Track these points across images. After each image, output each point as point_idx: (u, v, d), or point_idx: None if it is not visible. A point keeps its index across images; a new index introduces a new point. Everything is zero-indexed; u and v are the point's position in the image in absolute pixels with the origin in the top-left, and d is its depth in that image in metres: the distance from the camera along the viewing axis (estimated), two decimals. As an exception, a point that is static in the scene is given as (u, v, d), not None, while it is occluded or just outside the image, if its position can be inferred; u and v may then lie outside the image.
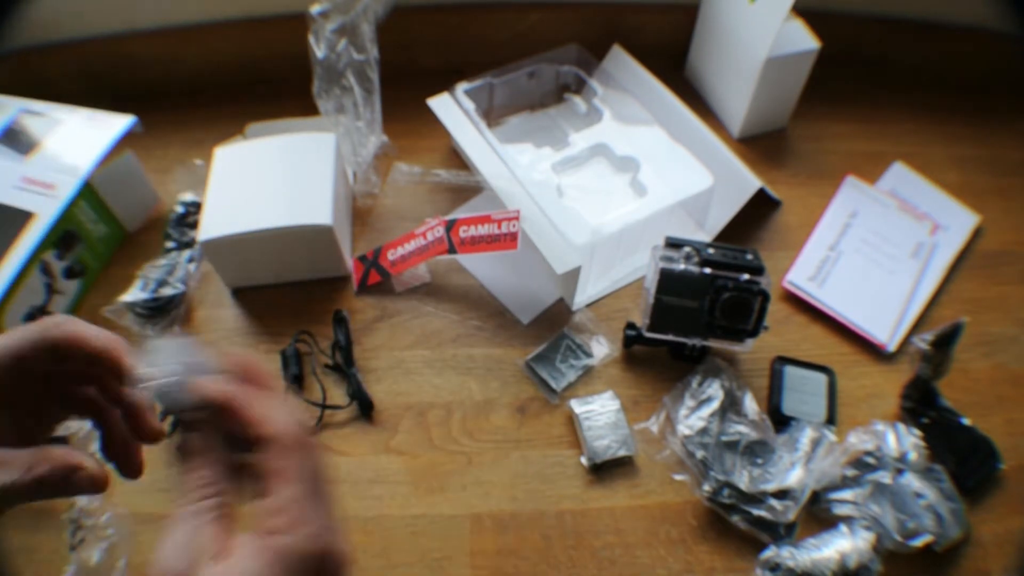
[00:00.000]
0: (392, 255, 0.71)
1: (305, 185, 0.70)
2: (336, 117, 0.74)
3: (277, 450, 0.31)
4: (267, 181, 0.71)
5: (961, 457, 0.62)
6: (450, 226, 0.67)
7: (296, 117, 0.81)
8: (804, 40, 0.79)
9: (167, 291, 0.69)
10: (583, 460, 0.63)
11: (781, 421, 0.65)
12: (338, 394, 0.67)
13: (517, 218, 0.64)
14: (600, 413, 0.65)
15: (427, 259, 0.69)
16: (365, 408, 0.66)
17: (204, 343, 0.34)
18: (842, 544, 0.56)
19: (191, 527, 0.31)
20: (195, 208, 0.76)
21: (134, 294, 0.69)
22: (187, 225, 0.75)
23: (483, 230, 0.66)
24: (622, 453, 0.63)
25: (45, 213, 0.67)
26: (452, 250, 0.67)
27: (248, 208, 0.69)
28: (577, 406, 0.65)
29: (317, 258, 0.72)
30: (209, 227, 0.68)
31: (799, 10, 0.79)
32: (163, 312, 0.70)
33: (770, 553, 0.57)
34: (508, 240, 0.64)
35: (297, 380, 0.67)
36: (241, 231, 0.67)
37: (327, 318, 0.71)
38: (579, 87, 0.87)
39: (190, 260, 0.73)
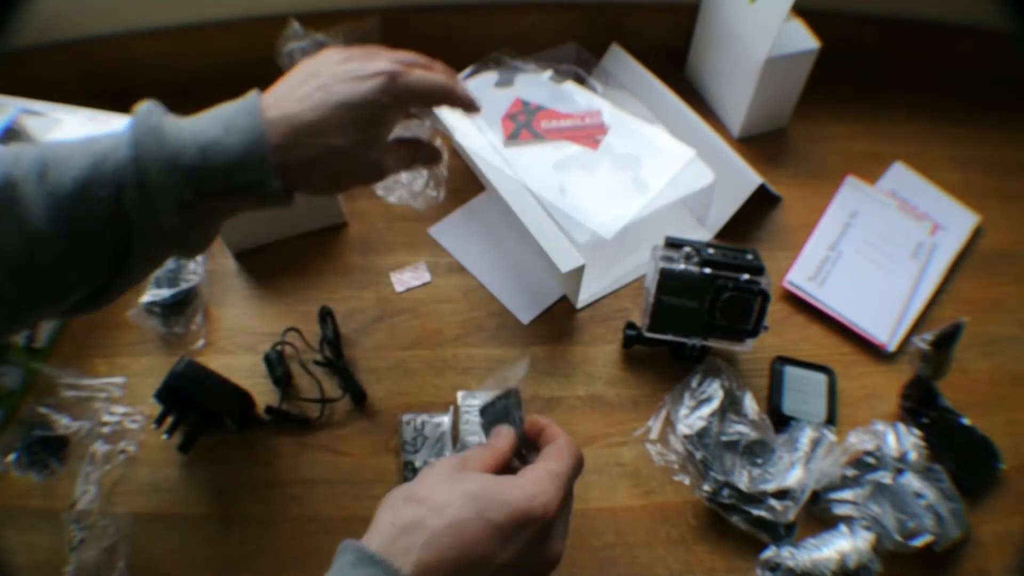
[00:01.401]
0: (547, 124, 0.76)
1: None
2: None
3: (560, 445, 0.45)
4: None
5: (961, 457, 0.63)
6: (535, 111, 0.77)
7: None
8: (804, 40, 0.79)
9: (183, 285, 0.70)
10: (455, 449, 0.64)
11: (781, 421, 0.65)
12: (328, 388, 0.67)
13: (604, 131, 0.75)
14: None
15: (575, 140, 0.75)
16: (358, 399, 0.66)
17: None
18: (842, 544, 0.56)
19: (496, 461, 0.44)
20: None
21: (153, 294, 0.69)
22: None
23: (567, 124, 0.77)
24: None
25: (45, 213, 0.67)
26: (537, 137, 0.76)
27: None
28: (463, 398, 0.66)
29: (316, 207, 0.76)
30: None
31: (799, 10, 0.79)
32: (183, 306, 0.71)
33: (770, 553, 0.57)
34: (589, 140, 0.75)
35: (282, 381, 0.67)
36: None
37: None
38: (579, 86, 0.87)
39: None
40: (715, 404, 0.64)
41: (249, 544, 0.59)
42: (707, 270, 0.63)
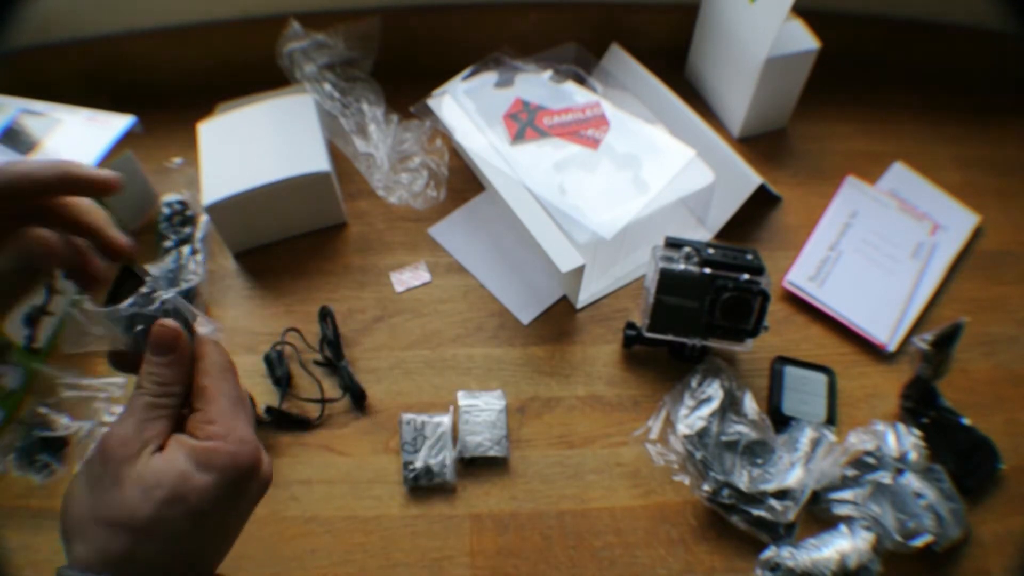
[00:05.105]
0: (549, 120, 0.77)
1: (295, 140, 0.74)
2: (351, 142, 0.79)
3: (207, 373, 0.38)
4: (258, 142, 0.74)
5: (961, 457, 0.63)
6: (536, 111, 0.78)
7: (262, 92, 0.83)
8: (804, 40, 0.79)
9: (183, 286, 0.71)
10: (454, 451, 0.63)
11: (781, 421, 0.65)
12: (328, 388, 0.67)
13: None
14: (482, 410, 0.65)
15: (580, 133, 0.76)
16: (358, 399, 0.66)
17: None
18: (842, 544, 0.56)
19: (147, 417, 0.36)
20: (180, 206, 0.77)
21: None
22: (177, 224, 0.76)
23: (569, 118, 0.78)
24: (492, 453, 0.63)
25: (45, 213, 0.67)
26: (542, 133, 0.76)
27: (246, 168, 0.71)
28: (463, 398, 0.66)
29: (316, 207, 0.76)
30: (212, 191, 0.70)
31: (799, 10, 0.79)
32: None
33: (770, 553, 0.57)
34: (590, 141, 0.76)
35: (282, 381, 0.67)
36: (244, 189, 0.70)
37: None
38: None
39: (193, 252, 0.73)
40: (715, 404, 0.64)
41: (249, 543, 0.59)
42: (707, 270, 0.63)
